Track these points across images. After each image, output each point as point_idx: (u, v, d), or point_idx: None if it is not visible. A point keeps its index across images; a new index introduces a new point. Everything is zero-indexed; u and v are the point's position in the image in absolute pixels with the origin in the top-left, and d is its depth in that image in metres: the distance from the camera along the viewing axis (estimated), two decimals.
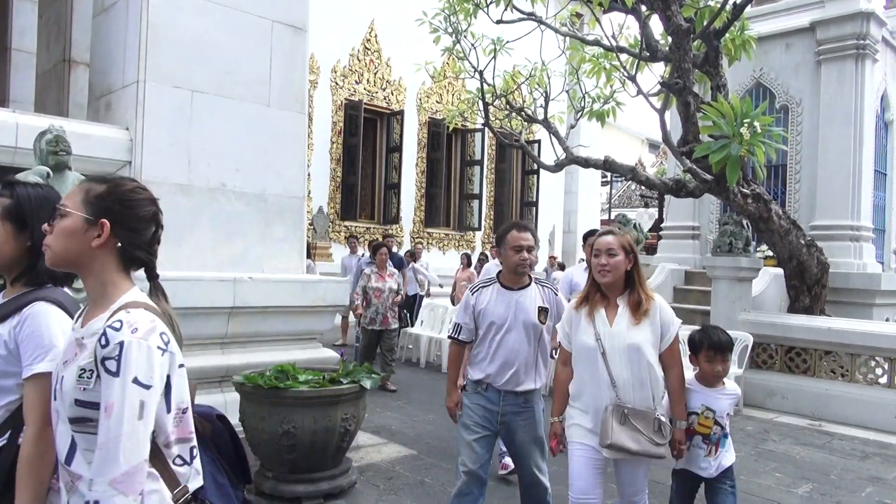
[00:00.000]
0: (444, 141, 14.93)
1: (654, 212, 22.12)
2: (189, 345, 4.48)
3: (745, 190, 7.36)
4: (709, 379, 3.09)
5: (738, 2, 6.75)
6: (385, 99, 13.99)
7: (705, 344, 3.09)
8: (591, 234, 5.14)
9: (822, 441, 6.20)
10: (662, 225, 12.40)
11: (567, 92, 9.07)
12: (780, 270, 8.61)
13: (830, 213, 9.57)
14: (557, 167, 8.57)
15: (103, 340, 1.40)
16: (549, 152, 9.26)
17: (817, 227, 9.48)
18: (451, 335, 3.43)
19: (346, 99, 13.31)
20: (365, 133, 13.65)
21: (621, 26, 8.03)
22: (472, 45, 8.37)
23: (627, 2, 6.99)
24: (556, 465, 3.69)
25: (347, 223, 13.33)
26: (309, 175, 11.90)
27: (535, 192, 16.91)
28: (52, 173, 2.90)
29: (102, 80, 5.07)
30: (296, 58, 5.38)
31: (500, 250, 3.38)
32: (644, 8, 7.22)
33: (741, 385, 7.30)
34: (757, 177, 7.18)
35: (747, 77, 10.35)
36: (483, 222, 15.81)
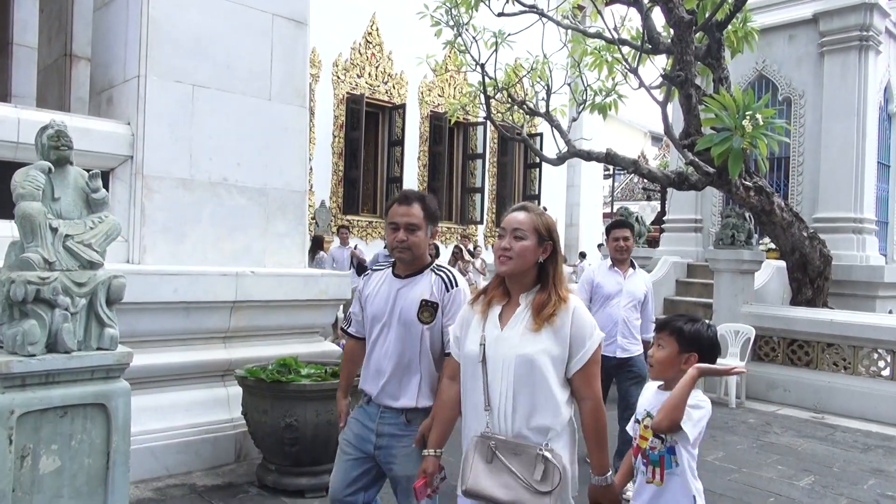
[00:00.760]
0: (445, 134, 14.92)
1: (657, 205, 22.10)
2: (192, 339, 4.51)
3: (747, 182, 7.34)
4: (657, 372, 2.36)
5: None
6: (387, 92, 13.97)
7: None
8: (616, 225, 4.87)
9: (824, 433, 6.21)
10: (665, 218, 12.39)
11: (569, 85, 9.05)
12: (783, 263, 8.61)
13: (833, 205, 9.55)
14: (559, 160, 8.56)
15: None
16: (552, 145, 9.25)
17: (820, 220, 9.46)
18: (341, 327, 2.91)
19: (347, 93, 13.29)
20: (367, 127, 13.65)
21: (623, 18, 8.01)
22: (474, 38, 8.35)
23: None
24: None
25: (349, 217, 13.34)
26: (311, 169, 11.91)
27: (537, 186, 16.91)
28: (53, 168, 2.90)
29: (104, 75, 5.07)
30: (297, 52, 5.37)
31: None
32: (646, 0, 7.19)
33: (743, 377, 7.32)
34: (759, 169, 7.16)
35: (750, 69, 10.32)
36: (485, 216, 15.81)
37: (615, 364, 4.52)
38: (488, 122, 10.81)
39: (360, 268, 10.25)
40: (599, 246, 18.00)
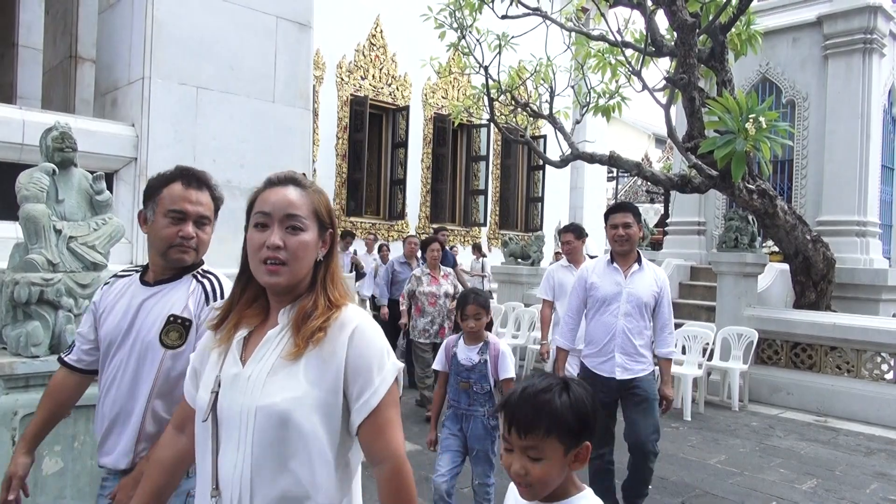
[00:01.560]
0: (449, 136, 14.92)
1: (660, 207, 22.06)
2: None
3: (750, 185, 7.34)
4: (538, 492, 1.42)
5: None
6: (391, 94, 13.98)
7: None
8: (615, 209, 3.82)
9: (827, 437, 6.19)
10: (668, 220, 12.37)
11: (572, 87, 9.05)
12: (786, 266, 8.59)
13: (837, 208, 9.52)
14: (563, 163, 8.56)
15: None
16: (555, 148, 9.25)
17: (823, 223, 9.44)
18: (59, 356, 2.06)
19: (351, 94, 13.31)
20: (370, 129, 13.66)
21: (627, 21, 8.02)
22: (478, 40, 8.37)
23: None
24: None
25: (353, 219, 13.35)
26: (314, 171, 11.92)
27: (540, 188, 16.90)
28: (57, 170, 2.92)
29: (108, 77, 5.09)
30: (301, 54, 5.39)
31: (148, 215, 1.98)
32: (649, 3, 7.20)
33: (746, 380, 7.30)
34: (763, 172, 7.16)
35: (753, 72, 10.30)
36: (489, 218, 15.81)
37: (616, 387, 3.70)
38: (492, 125, 10.82)
39: (358, 274, 10.04)
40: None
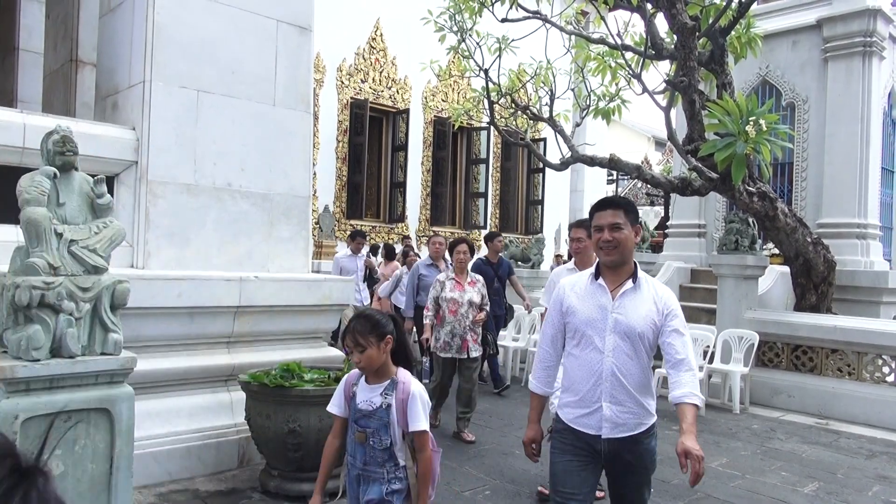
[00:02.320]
0: (449, 139, 14.94)
1: (660, 210, 22.05)
2: (195, 344, 4.51)
3: (750, 188, 7.34)
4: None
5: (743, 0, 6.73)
6: (391, 98, 14.00)
7: None
8: (599, 207, 2.72)
9: (828, 440, 6.18)
10: (668, 223, 12.38)
11: (572, 90, 9.06)
12: (787, 268, 8.59)
13: (837, 210, 9.53)
14: (563, 165, 8.57)
15: None
16: (555, 151, 9.26)
17: (824, 225, 9.45)
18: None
19: (351, 98, 13.32)
20: (371, 132, 13.68)
21: (626, 24, 8.03)
22: (478, 43, 8.38)
23: (633, 0, 6.98)
24: None
25: (353, 222, 13.35)
26: (315, 174, 11.92)
27: (540, 191, 16.90)
28: (58, 174, 2.92)
29: (109, 80, 5.10)
30: (301, 57, 5.39)
31: None
32: (649, 6, 7.21)
33: (747, 383, 7.29)
34: (763, 175, 7.16)
35: (753, 75, 10.32)
36: (489, 221, 15.82)
37: (604, 449, 2.60)
38: (492, 128, 10.83)
39: (371, 278, 9.61)
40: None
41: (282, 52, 5.25)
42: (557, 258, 15.43)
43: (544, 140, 15.40)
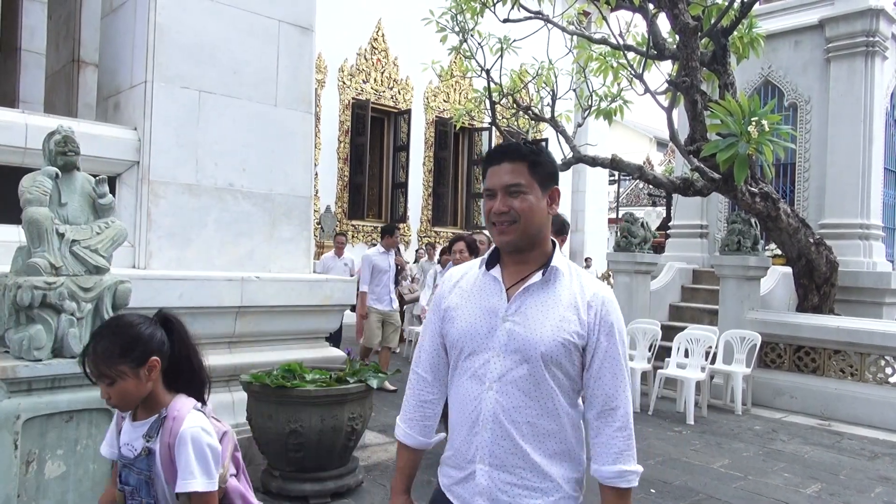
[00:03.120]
0: (451, 140, 14.94)
1: (662, 210, 22.05)
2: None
3: (753, 188, 7.33)
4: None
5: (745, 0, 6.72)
6: (392, 98, 14.00)
7: None
8: (492, 157, 1.79)
9: (831, 441, 6.17)
10: (670, 224, 12.36)
11: (574, 90, 9.05)
12: (789, 269, 8.57)
13: (840, 211, 9.51)
14: (565, 166, 8.55)
15: None
16: (557, 151, 9.23)
17: (826, 226, 9.43)
18: None
19: (353, 98, 13.33)
20: (372, 132, 13.68)
21: (628, 24, 8.03)
22: (479, 43, 8.37)
23: (635, 0, 6.97)
24: None
25: (355, 222, 13.35)
26: (316, 174, 11.93)
27: None
28: (60, 174, 2.92)
29: (111, 81, 5.10)
30: (303, 57, 5.39)
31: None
32: (651, 6, 7.20)
33: (749, 384, 7.28)
34: (765, 175, 7.15)
35: (755, 75, 10.30)
36: None
37: None
38: (493, 128, 10.82)
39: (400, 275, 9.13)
40: (587, 260, 17.54)
41: (283, 53, 5.24)
42: None
43: (546, 140, 15.38)
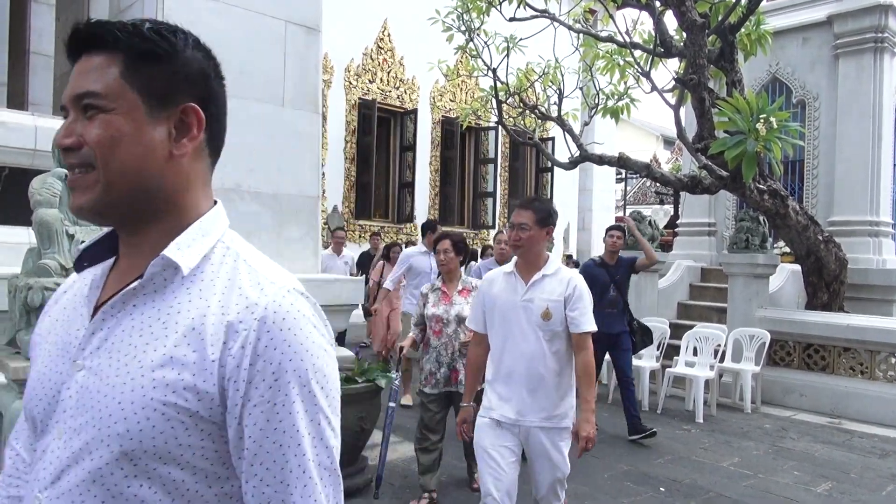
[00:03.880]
0: (457, 139, 14.92)
1: (670, 209, 21.97)
2: None
3: (761, 186, 7.30)
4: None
5: None
6: (398, 98, 14.00)
7: None
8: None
9: (841, 439, 6.14)
10: (678, 222, 12.33)
11: (581, 89, 9.04)
12: (798, 267, 8.54)
13: (849, 208, 9.46)
14: (572, 165, 8.54)
15: None
16: (563, 150, 9.23)
17: (835, 223, 9.38)
18: None
19: (359, 98, 13.34)
20: (379, 132, 13.68)
21: (635, 22, 7.99)
22: (485, 42, 8.36)
23: None
24: None
25: (362, 222, 13.36)
26: (323, 174, 11.94)
27: (549, 190, 16.86)
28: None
29: None
30: (309, 58, 5.40)
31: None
32: (658, 3, 7.18)
33: (758, 382, 7.25)
34: (773, 172, 7.12)
35: (763, 72, 10.26)
36: (497, 220, 15.79)
37: None
38: (500, 127, 10.81)
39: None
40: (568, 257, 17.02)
41: (290, 53, 5.26)
42: (568, 259, 15.36)
43: (553, 139, 15.36)
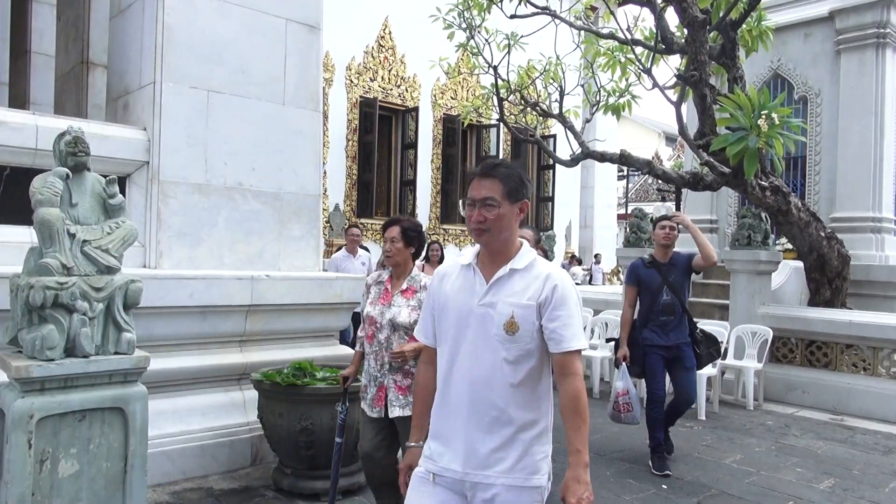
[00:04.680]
0: (459, 137, 14.92)
1: (672, 206, 21.96)
2: (208, 343, 4.54)
3: (763, 182, 7.28)
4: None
5: None
6: (400, 96, 14.00)
7: None
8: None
9: (843, 436, 6.13)
10: None
11: (582, 86, 9.02)
12: (800, 263, 8.52)
13: (851, 204, 9.44)
14: (573, 162, 8.53)
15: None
16: (565, 147, 9.21)
17: (838, 220, 9.36)
18: None
19: (361, 96, 13.33)
20: (380, 130, 13.68)
21: (636, 19, 7.98)
22: (487, 40, 8.35)
23: None
24: None
25: (363, 220, 13.37)
26: (325, 172, 11.95)
27: (551, 187, 16.86)
28: (71, 174, 2.93)
29: (120, 82, 5.12)
30: (310, 56, 5.40)
31: None
32: (659, 0, 7.16)
33: (761, 379, 7.24)
34: (775, 169, 7.10)
35: (765, 68, 10.23)
36: None
37: None
38: (501, 125, 10.80)
39: None
40: (572, 258, 17.14)
41: (291, 52, 5.25)
42: (572, 258, 15.37)
43: (554, 136, 15.35)
